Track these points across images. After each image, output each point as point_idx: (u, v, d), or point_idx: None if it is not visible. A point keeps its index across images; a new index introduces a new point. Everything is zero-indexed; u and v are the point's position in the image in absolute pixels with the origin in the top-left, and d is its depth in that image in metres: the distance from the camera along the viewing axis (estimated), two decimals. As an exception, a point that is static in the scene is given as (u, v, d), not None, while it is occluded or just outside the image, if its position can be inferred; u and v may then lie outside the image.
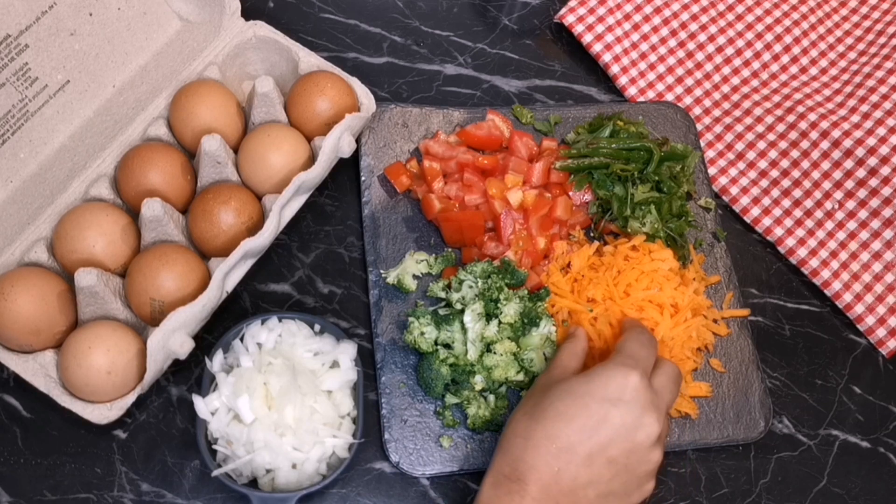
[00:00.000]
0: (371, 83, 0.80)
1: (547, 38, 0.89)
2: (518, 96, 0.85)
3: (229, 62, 0.76)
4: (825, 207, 0.81)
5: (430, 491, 0.68)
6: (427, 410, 0.69)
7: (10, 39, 0.64)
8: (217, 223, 0.67)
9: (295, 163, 0.70)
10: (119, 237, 0.66)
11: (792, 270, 0.81)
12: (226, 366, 0.64)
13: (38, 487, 0.65)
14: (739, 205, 0.82)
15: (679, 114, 0.84)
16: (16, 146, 0.67)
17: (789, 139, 0.83)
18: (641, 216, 0.75)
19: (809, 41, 0.90)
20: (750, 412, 0.72)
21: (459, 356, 0.67)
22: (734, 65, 0.89)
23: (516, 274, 0.70)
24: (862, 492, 0.72)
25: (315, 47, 0.82)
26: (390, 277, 0.72)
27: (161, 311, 0.64)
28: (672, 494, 0.70)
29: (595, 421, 0.56)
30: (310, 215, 0.77)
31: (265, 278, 0.74)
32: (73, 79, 0.70)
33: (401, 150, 0.78)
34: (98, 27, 0.70)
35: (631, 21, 0.88)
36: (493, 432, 0.68)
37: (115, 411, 0.62)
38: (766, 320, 0.78)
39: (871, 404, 0.76)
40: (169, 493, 0.65)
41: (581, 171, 0.77)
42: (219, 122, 0.71)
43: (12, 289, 0.62)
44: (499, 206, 0.73)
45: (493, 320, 0.68)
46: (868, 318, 0.78)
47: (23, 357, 0.63)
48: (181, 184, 0.69)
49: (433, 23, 0.88)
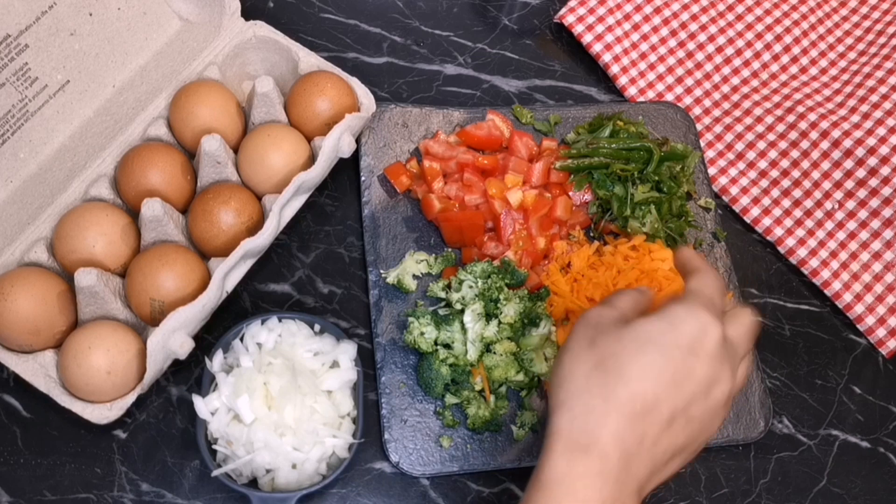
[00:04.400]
0: (371, 83, 0.80)
1: (547, 38, 0.89)
2: (518, 96, 0.85)
3: (229, 62, 0.76)
4: (825, 207, 0.81)
5: (430, 491, 0.68)
6: (427, 410, 0.69)
7: (10, 39, 0.64)
8: (217, 223, 0.67)
9: (295, 163, 0.70)
10: (119, 237, 0.66)
11: (792, 270, 0.81)
12: (226, 366, 0.64)
13: (38, 487, 0.65)
14: (739, 205, 0.82)
15: (679, 114, 0.84)
16: (16, 146, 0.67)
17: (789, 139, 0.83)
18: (641, 216, 0.75)
19: (809, 41, 0.90)
20: (750, 412, 0.72)
21: (459, 356, 0.67)
22: (734, 65, 0.89)
23: (516, 274, 0.70)
24: (862, 492, 0.72)
25: (315, 47, 0.82)
26: (390, 277, 0.72)
27: (161, 311, 0.64)
28: (672, 494, 0.70)
29: (681, 376, 0.48)
30: (310, 215, 0.77)
31: (265, 278, 0.74)
32: (73, 79, 0.70)
33: (401, 150, 0.78)
34: (98, 27, 0.70)
35: (631, 21, 0.88)
36: (493, 432, 0.68)
37: (115, 411, 0.62)
38: (765, 320, 0.78)
39: (871, 404, 0.76)
40: (169, 493, 0.65)
41: (581, 171, 0.77)
42: (219, 122, 0.71)
43: (12, 289, 0.62)
44: (499, 206, 0.73)
45: (493, 320, 0.68)
46: (868, 318, 0.78)
47: (23, 357, 0.63)
48: (181, 184, 0.69)
49: (433, 23, 0.88)
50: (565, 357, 0.50)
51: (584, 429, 0.47)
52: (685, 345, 0.48)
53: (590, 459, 0.46)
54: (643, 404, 0.47)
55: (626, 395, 0.47)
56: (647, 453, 0.48)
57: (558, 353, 0.51)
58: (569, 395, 0.49)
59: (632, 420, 0.47)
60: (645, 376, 0.48)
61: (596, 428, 0.47)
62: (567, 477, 0.46)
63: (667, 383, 0.48)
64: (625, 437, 0.47)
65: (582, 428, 0.47)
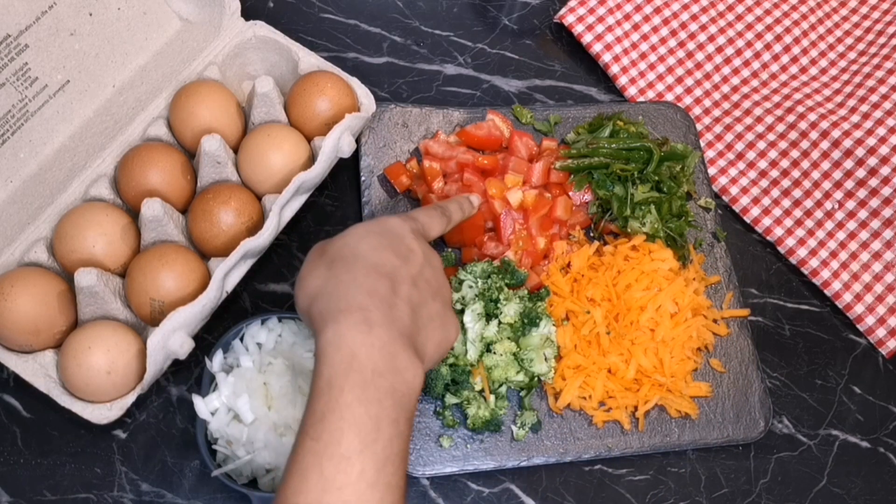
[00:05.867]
0: (371, 83, 0.80)
1: (547, 38, 0.89)
2: (518, 96, 0.85)
3: (229, 62, 0.76)
4: (825, 207, 0.81)
5: (430, 491, 0.68)
6: (427, 410, 0.69)
7: (10, 39, 0.64)
8: (217, 223, 0.67)
9: (295, 163, 0.70)
10: (119, 237, 0.66)
11: (792, 270, 0.81)
12: (226, 366, 0.64)
13: (38, 487, 0.65)
14: (739, 205, 0.82)
15: (679, 114, 0.84)
16: (16, 146, 0.67)
17: (789, 139, 0.83)
18: (641, 216, 0.75)
19: (809, 41, 0.90)
20: (750, 412, 0.72)
21: (459, 356, 0.67)
22: (734, 65, 0.89)
23: (516, 274, 0.70)
24: (862, 492, 0.72)
25: (315, 47, 0.82)
26: (390, 277, 0.72)
27: (161, 311, 0.64)
28: (672, 494, 0.70)
29: (404, 252, 0.54)
30: (310, 215, 0.77)
31: (265, 278, 0.74)
32: (73, 79, 0.70)
33: (401, 150, 0.78)
34: (98, 27, 0.70)
35: (631, 21, 0.88)
36: (493, 432, 0.68)
37: (115, 411, 0.62)
38: (766, 320, 0.78)
39: (870, 404, 0.76)
40: (169, 493, 0.65)
41: (581, 171, 0.77)
42: (219, 122, 0.71)
43: (12, 289, 0.61)
44: (499, 206, 0.73)
45: (493, 320, 0.68)
46: (868, 318, 0.78)
47: (23, 357, 0.63)
48: (181, 184, 0.69)
49: (433, 23, 0.88)
50: (301, 274, 0.54)
51: (340, 298, 0.50)
52: (396, 232, 0.55)
53: (355, 314, 0.49)
54: (387, 269, 0.52)
55: (367, 265, 0.52)
56: (404, 301, 0.52)
57: (297, 278, 0.55)
58: (317, 290, 0.52)
59: (381, 279, 0.52)
60: (377, 251, 0.53)
61: (350, 292, 0.51)
62: (338, 334, 0.49)
63: (396, 257, 0.53)
64: (379, 290, 0.51)
65: (338, 298, 0.50)
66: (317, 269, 0.53)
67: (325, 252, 0.54)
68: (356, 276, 0.51)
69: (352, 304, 0.50)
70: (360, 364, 0.48)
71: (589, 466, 0.70)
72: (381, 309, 0.50)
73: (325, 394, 0.47)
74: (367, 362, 0.48)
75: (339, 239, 0.55)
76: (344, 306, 0.50)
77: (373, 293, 0.51)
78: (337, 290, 0.51)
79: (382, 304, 0.50)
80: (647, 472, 0.70)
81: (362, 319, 0.49)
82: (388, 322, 0.50)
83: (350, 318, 0.49)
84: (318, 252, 0.55)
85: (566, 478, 0.70)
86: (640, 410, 0.70)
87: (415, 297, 0.53)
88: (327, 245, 0.55)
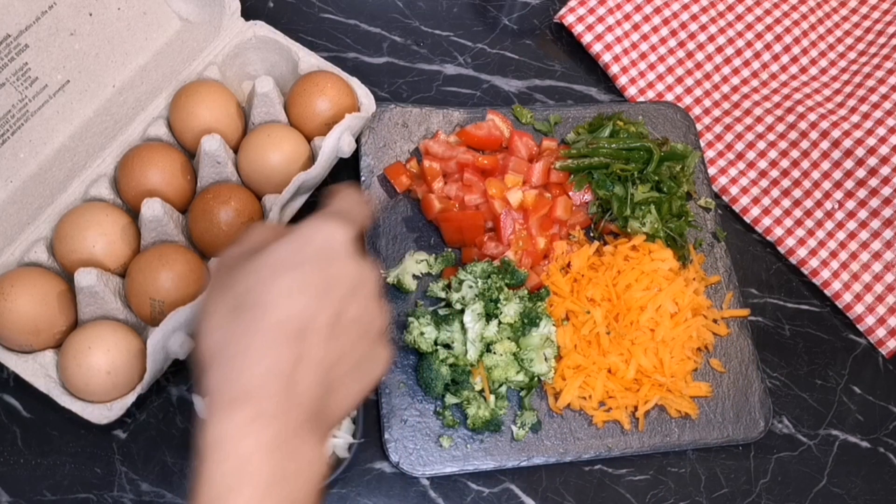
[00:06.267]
0: (371, 83, 0.80)
1: (547, 38, 0.89)
2: (518, 96, 0.85)
3: (229, 62, 0.76)
4: (825, 207, 0.81)
5: (429, 491, 0.68)
6: (427, 410, 0.69)
7: (10, 39, 0.64)
8: (217, 223, 0.67)
9: (295, 163, 0.70)
10: (119, 237, 0.66)
11: (792, 270, 0.81)
12: (226, 366, 0.64)
13: (38, 487, 0.65)
14: (739, 205, 0.82)
15: (679, 114, 0.84)
16: (16, 146, 0.67)
17: (789, 139, 0.83)
18: (641, 216, 0.75)
19: (809, 41, 0.90)
20: (750, 412, 0.72)
21: (459, 356, 0.67)
22: (734, 65, 0.89)
23: (516, 274, 0.70)
24: (862, 492, 0.72)
25: (315, 47, 0.82)
26: (390, 277, 0.72)
27: (161, 311, 0.64)
28: (672, 494, 0.70)
29: (325, 285, 0.45)
30: (310, 215, 0.76)
31: (265, 278, 0.74)
32: (73, 79, 0.70)
33: (401, 150, 0.79)
34: (98, 27, 0.70)
35: (631, 21, 0.88)
36: (493, 432, 0.68)
37: (115, 411, 0.62)
38: (765, 320, 0.78)
39: (870, 404, 0.76)
40: (169, 493, 0.65)
41: (581, 171, 0.77)
42: (219, 122, 0.71)
43: (12, 289, 0.61)
44: (499, 206, 0.73)
45: (493, 320, 0.68)
46: (868, 318, 0.78)
47: (23, 357, 0.63)
48: (181, 184, 0.69)
49: (433, 23, 0.88)
50: (203, 310, 0.46)
51: (233, 378, 0.43)
52: (318, 256, 0.46)
53: (246, 407, 0.42)
54: (297, 325, 0.44)
55: (272, 324, 0.43)
56: (311, 371, 0.44)
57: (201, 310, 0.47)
58: (213, 350, 0.44)
59: (286, 345, 0.43)
60: (288, 299, 0.44)
61: (244, 372, 0.43)
62: (226, 435, 0.42)
63: (313, 297, 0.44)
64: (280, 365, 0.43)
65: (231, 378, 0.43)
66: (218, 312, 0.45)
67: (231, 286, 0.45)
68: (255, 342, 0.43)
69: (246, 389, 0.42)
70: (253, 473, 0.42)
71: (589, 466, 0.70)
72: (278, 396, 0.43)
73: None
74: (262, 469, 0.42)
75: (250, 275, 0.45)
76: (236, 393, 0.42)
77: (270, 373, 0.43)
78: (232, 363, 0.43)
79: (281, 389, 0.43)
80: (647, 472, 0.70)
81: (256, 414, 0.42)
82: (285, 411, 0.43)
83: (241, 412, 0.42)
84: (224, 280, 0.46)
85: (566, 478, 0.70)
86: (640, 410, 0.70)
87: (331, 353, 0.45)
88: (235, 276, 0.46)
